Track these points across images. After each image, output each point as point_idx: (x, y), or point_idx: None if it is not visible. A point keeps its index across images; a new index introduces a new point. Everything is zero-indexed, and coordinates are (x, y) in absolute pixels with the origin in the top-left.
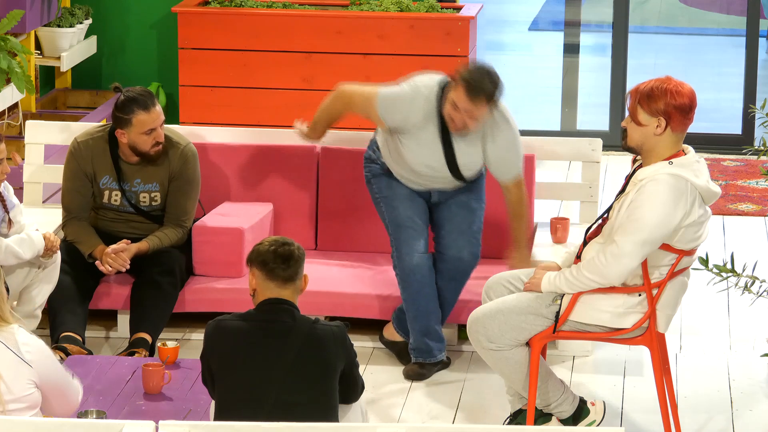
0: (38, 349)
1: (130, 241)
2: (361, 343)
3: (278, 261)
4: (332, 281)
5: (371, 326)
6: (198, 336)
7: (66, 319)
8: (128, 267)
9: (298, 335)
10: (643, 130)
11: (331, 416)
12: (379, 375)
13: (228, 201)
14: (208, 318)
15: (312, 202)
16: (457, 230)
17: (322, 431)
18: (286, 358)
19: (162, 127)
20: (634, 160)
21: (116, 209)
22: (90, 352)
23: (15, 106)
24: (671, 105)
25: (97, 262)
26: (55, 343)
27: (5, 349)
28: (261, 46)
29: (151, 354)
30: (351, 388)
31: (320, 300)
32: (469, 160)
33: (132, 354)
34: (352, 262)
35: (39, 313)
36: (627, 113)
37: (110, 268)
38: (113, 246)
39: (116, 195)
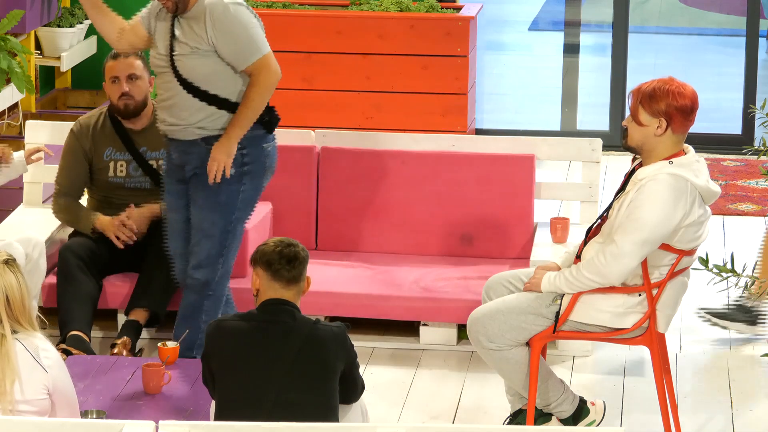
0: (56, 357)
1: (134, 206)
2: (361, 343)
3: (283, 262)
4: (332, 281)
5: (371, 326)
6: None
7: (75, 317)
8: (141, 232)
9: (298, 336)
10: (643, 131)
11: (331, 416)
12: (379, 375)
13: None
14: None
15: (312, 202)
16: (191, 250)
17: (323, 431)
18: (286, 358)
19: (129, 81)
20: (634, 159)
21: (122, 185)
22: (93, 353)
23: (15, 106)
24: (673, 106)
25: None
26: (62, 341)
27: (24, 351)
28: None
29: (153, 324)
30: (351, 389)
31: (320, 300)
32: (188, 51)
33: (113, 346)
34: (352, 262)
35: (35, 304)
36: (628, 113)
37: (118, 240)
38: (118, 216)
39: (122, 166)
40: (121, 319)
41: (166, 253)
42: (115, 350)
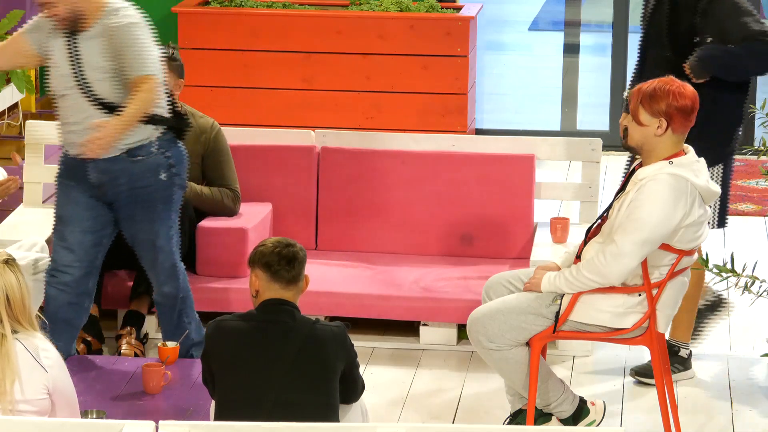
0: (56, 357)
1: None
2: (362, 343)
3: (282, 263)
4: (332, 281)
5: (371, 326)
6: None
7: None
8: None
9: (298, 336)
10: (644, 131)
11: (331, 416)
12: (380, 375)
13: None
14: (210, 318)
15: (312, 202)
16: (150, 268)
17: (323, 431)
18: (286, 358)
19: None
20: (634, 159)
21: None
22: (102, 339)
23: (15, 106)
24: (673, 106)
25: None
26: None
27: (24, 351)
28: (261, 46)
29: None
30: (351, 388)
31: (320, 300)
32: (99, 74)
33: (119, 337)
34: (351, 262)
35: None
36: (626, 112)
37: None
38: None
39: None
40: (121, 318)
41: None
42: (123, 342)
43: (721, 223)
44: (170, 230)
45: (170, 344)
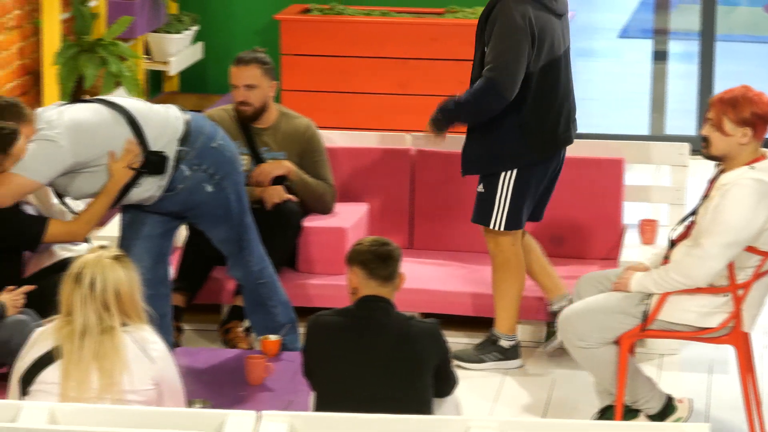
0: (163, 349)
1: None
2: (455, 340)
3: (378, 261)
4: (426, 279)
5: (464, 323)
6: (301, 330)
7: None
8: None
9: (392, 331)
10: (728, 140)
11: (425, 410)
12: (472, 371)
13: None
14: (310, 313)
15: (406, 203)
16: (237, 259)
17: (416, 424)
18: (380, 353)
19: (246, 89)
20: (717, 165)
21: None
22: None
23: None
24: (756, 114)
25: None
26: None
27: (133, 344)
28: (359, 52)
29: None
30: (444, 383)
31: (414, 297)
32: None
33: (227, 331)
34: (445, 261)
35: None
36: (705, 122)
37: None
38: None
39: (245, 159)
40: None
41: (197, 233)
42: (230, 335)
43: None
44: (234, 225)
45: (272, 337)
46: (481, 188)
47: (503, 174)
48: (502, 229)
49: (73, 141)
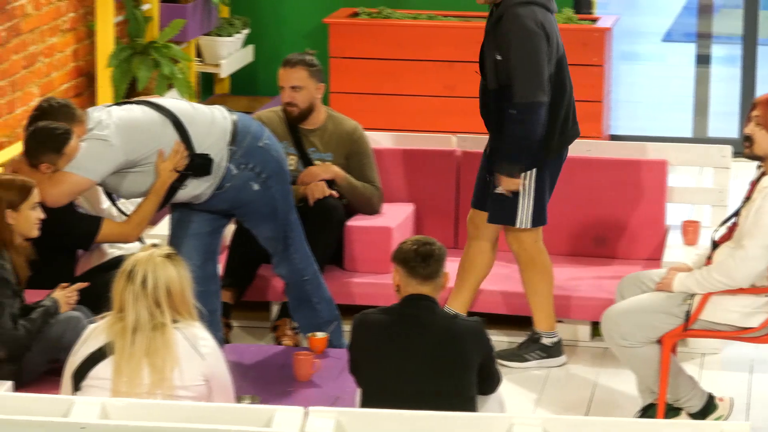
0: (213, 346)
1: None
2: (498, 338)
3: (419, 260)
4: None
5: (508, 322)
6: (348, 327)
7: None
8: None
9: (437, 329)
10: None
11: (469, 407)
12: (516, 369)
13: None
14: (357, 311)
15: (452, 203)
16: (282, 257)
17: (460, 421)
18: (425, 350)
19: (292, 90)
20: (759, 167)
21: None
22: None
23: None
24: None
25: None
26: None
27: (183, 340)
28: (406, 55)
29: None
30: (488, 381)
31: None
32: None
33: (275, 328)
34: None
35: None
36: (749, 121)
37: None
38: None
39: (292, 160)
40: (275, 310)
41: (244, 230)
42: (279, 332)
43: None
44: (280, 224)
45: (320, 335)
46: (500, 189)
47: (526, 173)
48: (529, 226)
49: (123, 139)
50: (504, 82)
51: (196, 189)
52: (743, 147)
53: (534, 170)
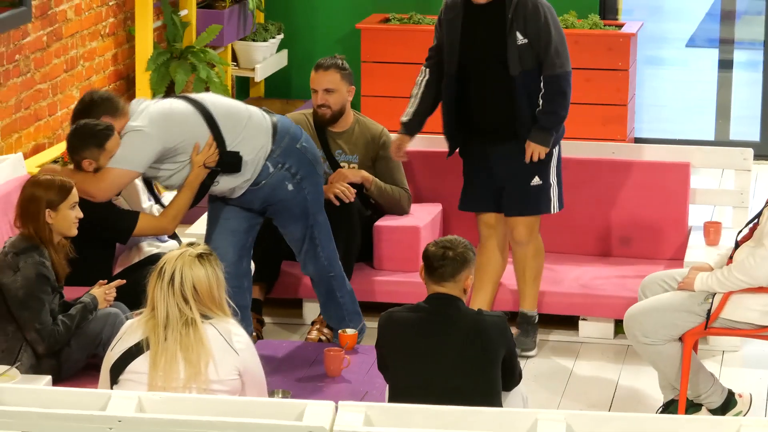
0: (247, 341)
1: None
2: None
3: (437, 259)
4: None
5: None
6: (369, 323)
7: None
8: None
9: (463, 325)
10: None
11: (494, 402)
12: (541, 365)
13: None
14: (386, 308)
15: None
16: (310, 255)
17: (486, 415)
18: (452, 346)
19: (325, 93)
20: None
21: None
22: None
23: None
24: None
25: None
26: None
27: (218, 335)
28: None
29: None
30: (510, 375)
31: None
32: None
33: (313, 323)
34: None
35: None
36: None
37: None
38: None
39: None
40: (307, 307)
41: (267, 226)
42: (314, 329)
43: None
44: (309, 225)
45: (350, 331)
46: (537, 180)
47: (551, 159)
48: (558, 210)
49: (159, 128)
50: (528, 66)
51: (230, 183)
52: None
53: (555, 152)
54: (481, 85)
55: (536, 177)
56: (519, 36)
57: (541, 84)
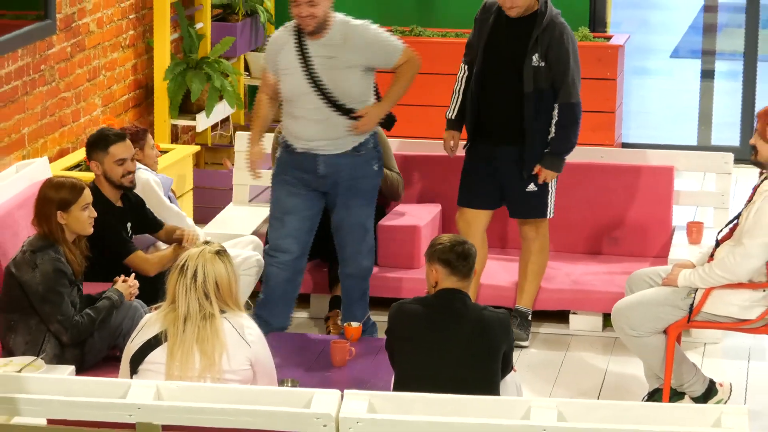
0: (258, 334)
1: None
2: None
3: (460, 259)
4: (494, 274)
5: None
6: (379, 317)
7: None
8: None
9: (469, 319)
10: None
11: (493, 392)
12: (534, 356)
13: (402, 203)
14: (388, 303)
15: None
16: (354, 248)
17: (484, 404)
18: (459, 339)
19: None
20: (761, 173)
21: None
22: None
23: (227, 119)
24: None
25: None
26: None
27: (231, 328)
28: (437, 69)
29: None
30: (506, 368)
31: (483, 291)
32: (330, 72)
33: (327, 319)
34: (511, 257)
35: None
36: (755, 132)
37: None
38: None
39: None
40: (315, 301)
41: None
42: (330, 323)
43: None
44: (373, 211)
45: (355, 324)
46: (532, 187)
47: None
48: (552, 216)
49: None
50: (542, 86)
51: (360, 139)
52: (750, 155)
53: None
54: (495, 91)
55: (532, 183)
56: (536, 58)
57: (555, 111)
